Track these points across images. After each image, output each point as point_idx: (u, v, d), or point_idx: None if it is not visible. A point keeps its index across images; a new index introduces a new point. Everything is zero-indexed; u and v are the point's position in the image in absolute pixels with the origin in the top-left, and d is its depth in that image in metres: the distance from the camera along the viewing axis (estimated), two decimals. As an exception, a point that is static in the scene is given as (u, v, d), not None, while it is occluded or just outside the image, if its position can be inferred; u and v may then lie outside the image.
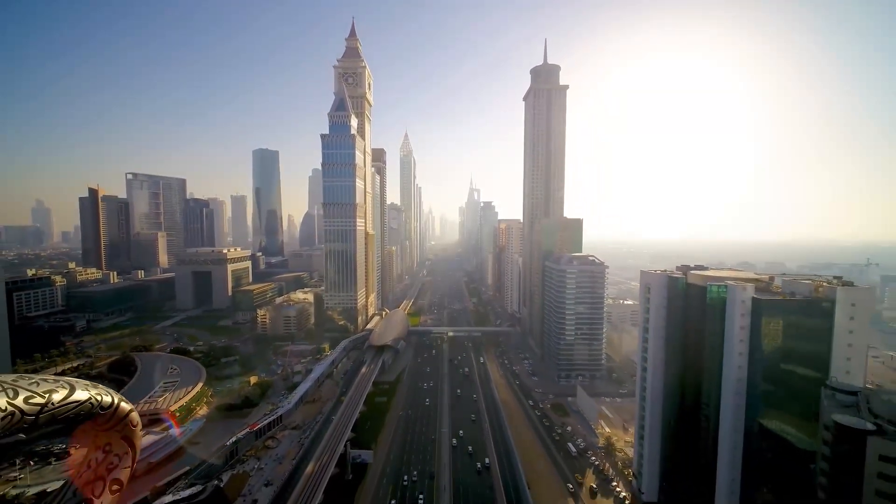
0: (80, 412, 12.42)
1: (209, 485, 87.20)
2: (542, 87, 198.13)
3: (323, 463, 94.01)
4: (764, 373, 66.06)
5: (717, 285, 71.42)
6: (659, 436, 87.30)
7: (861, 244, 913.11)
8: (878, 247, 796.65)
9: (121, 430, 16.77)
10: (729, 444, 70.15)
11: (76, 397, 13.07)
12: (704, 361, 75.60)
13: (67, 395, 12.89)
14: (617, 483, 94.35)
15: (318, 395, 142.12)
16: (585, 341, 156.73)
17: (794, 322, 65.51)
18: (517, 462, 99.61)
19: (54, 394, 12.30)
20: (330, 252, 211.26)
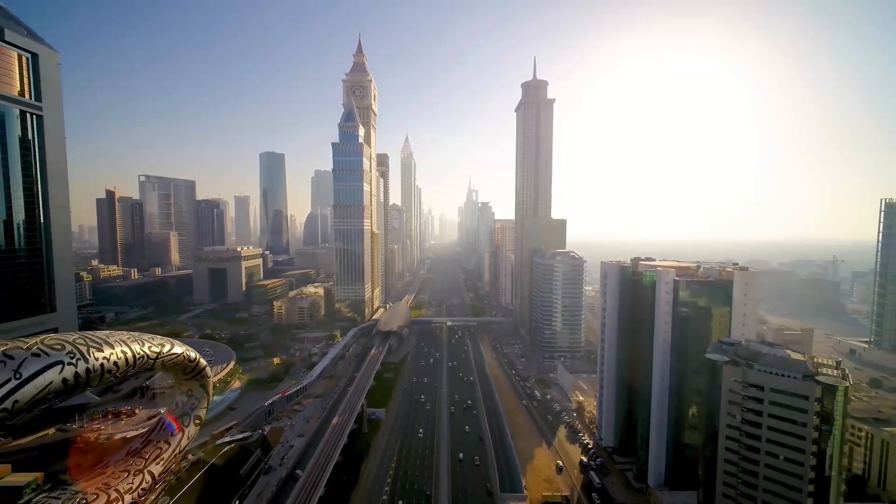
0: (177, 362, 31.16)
1: (255, 433, 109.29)
2: (531, 101, 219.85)
3: (344, 418, 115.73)
4: (682, 337, 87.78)
5: (649, 271, 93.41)
6: (614, 396, 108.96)
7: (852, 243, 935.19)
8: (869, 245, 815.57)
9: (199, 379, 31.78)
10: (658, 396, 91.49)
11: (175, 351, 29.90)
12: (643, 332, 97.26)
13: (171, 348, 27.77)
14: (583, 434, 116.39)
15: (335, 372, 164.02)
16: (567, 326, 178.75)
17: (705, 297, 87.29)
18: (504, 421, 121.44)
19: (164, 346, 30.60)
20: (340, 249, 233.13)
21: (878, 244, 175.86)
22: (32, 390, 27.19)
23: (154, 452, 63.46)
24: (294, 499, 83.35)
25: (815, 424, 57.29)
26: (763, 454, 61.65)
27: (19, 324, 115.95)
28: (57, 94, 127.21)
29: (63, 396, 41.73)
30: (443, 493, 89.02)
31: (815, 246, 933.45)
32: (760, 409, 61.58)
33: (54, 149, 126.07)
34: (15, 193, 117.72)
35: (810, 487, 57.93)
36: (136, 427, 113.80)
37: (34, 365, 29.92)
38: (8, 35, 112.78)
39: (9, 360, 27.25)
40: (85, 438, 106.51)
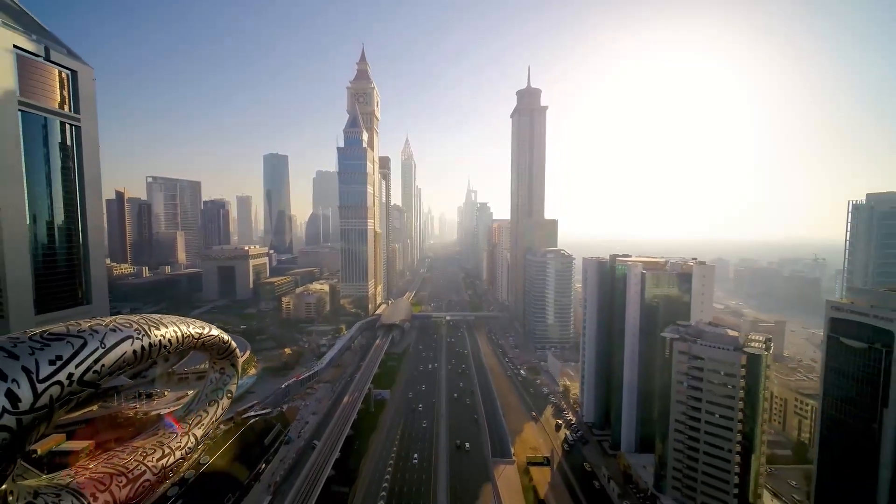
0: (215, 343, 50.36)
1: (275, 410, 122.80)
2: (525, 108, 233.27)
3: (354, 398, 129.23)
4: (649, 322, 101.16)
5: (622, 264, 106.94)
6: (594, 377, 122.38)
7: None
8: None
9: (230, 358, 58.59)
10: (629, 375, 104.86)
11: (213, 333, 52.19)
12: (618, 320, 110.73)
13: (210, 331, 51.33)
14: (567, 412, 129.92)
15: (342, 361, 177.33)
16: (557, 319, 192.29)
17: (668, 287, 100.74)
18: (497, 401, 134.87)
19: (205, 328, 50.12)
20: (345, 248, 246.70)
21: (845, 243, 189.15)
22: (113, 358, 42.70)
23: (197, 419, 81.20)
24: (312, 464, 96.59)
25: (741, 386, 70.71)
26: (703, 413, 75.02)
27: (60, 314, 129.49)
28: (92, 107, 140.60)
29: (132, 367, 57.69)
30: (442, 462, 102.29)
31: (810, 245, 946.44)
32: (701, 376, 74.95)
33: (90, 157, 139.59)
34: (56, 197, 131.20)
35: (739, 437, 71.36)
36: (166, 406, 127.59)
37: (113, 337, 45.18)
38: (53, 55, 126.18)
39: (95, 332, 43.14)
40: (124, 414, 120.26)
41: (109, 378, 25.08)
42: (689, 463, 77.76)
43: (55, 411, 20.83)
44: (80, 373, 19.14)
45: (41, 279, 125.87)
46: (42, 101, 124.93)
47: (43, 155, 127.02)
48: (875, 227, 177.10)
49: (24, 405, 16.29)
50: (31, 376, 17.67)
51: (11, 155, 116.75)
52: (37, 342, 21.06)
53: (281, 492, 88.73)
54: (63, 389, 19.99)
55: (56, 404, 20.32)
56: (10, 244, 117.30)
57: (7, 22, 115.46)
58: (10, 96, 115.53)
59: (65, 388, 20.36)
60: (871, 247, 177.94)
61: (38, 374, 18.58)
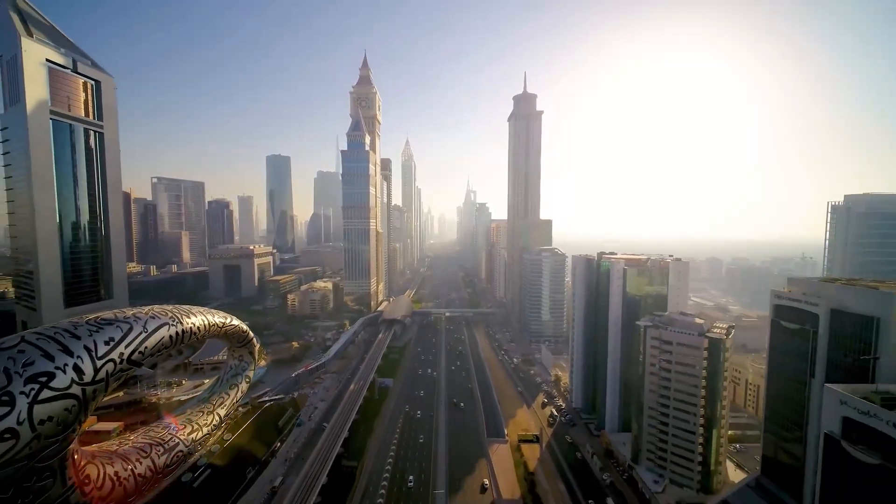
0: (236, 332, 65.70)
1: (287, 396, 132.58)
2: (521, 112, 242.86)
3: (359, 386, 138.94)
4: (630, 314, 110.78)
5: (606, 261, 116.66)
6: (582, 366, 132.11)
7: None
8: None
9: (248, 347, 74.61)
10: (612, 362, 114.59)
11: (234, 323, 67.65)
12: (602, 313, 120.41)
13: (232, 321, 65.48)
14: (558, 399, 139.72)
15: (347, 354, 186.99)
16: (551, 314, 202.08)
17: (647, 282, 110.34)
18: (492, 389, 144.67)
19: (227, 319, 64.89)
20: (348, 247, 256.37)
21: (825, 241, 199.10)
22: (153, 341, 51.67)
23: (220, 400, 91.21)
24: (323, 442, 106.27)
25: (704, 367, 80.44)
26: (672, 391, 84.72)
27: (86, 308, 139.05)
28: (113, 114, 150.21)
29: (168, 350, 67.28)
30: (441, 441, 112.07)
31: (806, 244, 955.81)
32: (670, 358, 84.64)
33: (112, 161, 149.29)
34: (81, 199, 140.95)
35: (702, 412, 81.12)
36: (184, 393, 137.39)
37: (153, 323, 53.73)
38: (80, 67, 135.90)
39: (138, 319, 52.01)
40: (147, 400, 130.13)
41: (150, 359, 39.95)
42: (660, 436, 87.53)
43: (109, 385, 36.83)
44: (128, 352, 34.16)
45: (69, 276, 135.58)
46: (69, 109, 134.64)
47: (70, 160, 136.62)
48: (851, 227, 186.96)
49: (86, 378, 31.36)
50: (92, 354, 32.77)
51: (44, 161, 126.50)
52: (93, 326, 36.34)
53: (295, 466, 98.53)
54: (115, 366, 35.56)
55: (111, 378, 36.27)
56: (44, 244, 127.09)
57: (40, 38, 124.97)
58: (43, 106, 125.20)
59: (117, 365, 35.95)
60: (848, 245, 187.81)
61: (96, 352, 33.67)
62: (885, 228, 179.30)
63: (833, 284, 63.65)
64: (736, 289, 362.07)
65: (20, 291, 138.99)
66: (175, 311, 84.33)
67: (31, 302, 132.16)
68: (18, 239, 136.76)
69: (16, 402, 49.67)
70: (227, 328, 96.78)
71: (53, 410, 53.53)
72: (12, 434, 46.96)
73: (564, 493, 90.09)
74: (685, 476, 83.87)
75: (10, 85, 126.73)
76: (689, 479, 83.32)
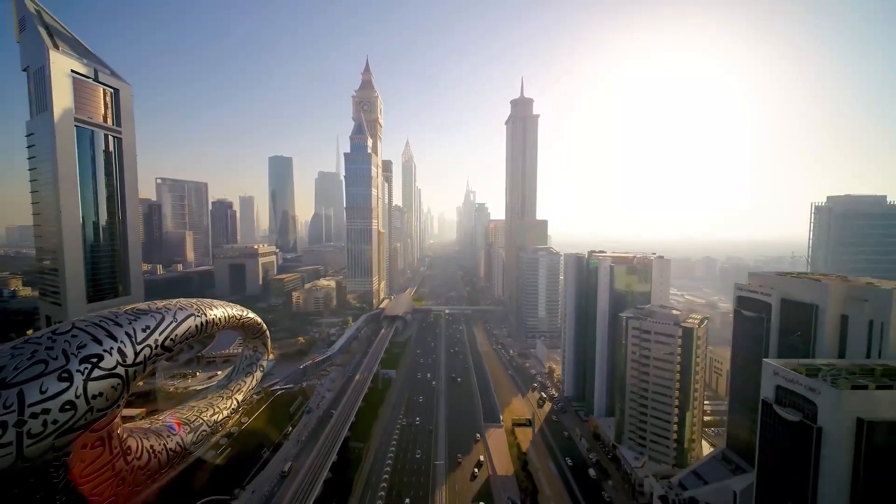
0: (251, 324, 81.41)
1: (296, 386, 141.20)
2: (518, 116, 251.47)
3: (364, 377, 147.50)
4: (616, 308, 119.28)
5: (594, 259, 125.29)
6: (573, 358, 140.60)
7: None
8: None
9: (262, 338, 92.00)
10: (600, 353, 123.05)
11: (250, 315, 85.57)
12: (591, 307, 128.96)
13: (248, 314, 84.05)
14: (551, 389, 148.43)
15: (351, 348, 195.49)
16: (546, 310, 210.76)
17: (632, 278, 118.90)
18: (489, 379, 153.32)
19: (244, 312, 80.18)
20: (351, 246, 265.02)
21: (809, 241, 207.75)
22: (182, 329, 63.36)
23: (237, 386, 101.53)
24: (331, 427, 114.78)
25: (678, 353, 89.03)
26: (651, 375, 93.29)
27: (106, 304, 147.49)
28: (130, 120, 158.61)
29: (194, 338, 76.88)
30: (441, 426, 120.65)
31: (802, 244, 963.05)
32: (649, 346, 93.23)
33: (129, 164, 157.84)
34: (101, 200, 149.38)
35: (677, 395, 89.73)
36: (199, 383, 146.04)
37: (182, 314, 65.06)
38: (100, 77, 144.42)
39: (169, 310, 63.35)
40: (165, 389, 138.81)
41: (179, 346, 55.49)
42: (640, 418, 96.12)
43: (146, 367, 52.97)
44: (162, 339, 49.91)
45: (91, 273, 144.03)
46: (91, 116, 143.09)
47: (91, 164, 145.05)
48: (833, 226, 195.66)
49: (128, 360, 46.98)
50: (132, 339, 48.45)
51: (69, 165, 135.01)
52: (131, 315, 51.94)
53: (307, 447, 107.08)
54: (151, 351, 51.74)
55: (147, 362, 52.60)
56: (69, 243, 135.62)
57: (66, 50, 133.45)
58: (69, 114, 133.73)
59: (153, 350, 52.10)
60: (830, 243, 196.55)
61: (136, 338, 49.33)
62: (863, 228, 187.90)
63: (784, 277, 72.14)
64: (729, 287, 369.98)
65: (45, 288, 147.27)
66: (199, 304, 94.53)
67: (56, 298, 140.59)
68: (43, 239, 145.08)
69: (73, 379, 59.57)
70: (244, 320, 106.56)
71: (103, 387, 62.96)
72: (71, 406, 57.10)
73: (553, 470, 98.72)
74: (662, 453, 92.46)
75: (37, 94, 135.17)
76: (665, 455, 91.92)
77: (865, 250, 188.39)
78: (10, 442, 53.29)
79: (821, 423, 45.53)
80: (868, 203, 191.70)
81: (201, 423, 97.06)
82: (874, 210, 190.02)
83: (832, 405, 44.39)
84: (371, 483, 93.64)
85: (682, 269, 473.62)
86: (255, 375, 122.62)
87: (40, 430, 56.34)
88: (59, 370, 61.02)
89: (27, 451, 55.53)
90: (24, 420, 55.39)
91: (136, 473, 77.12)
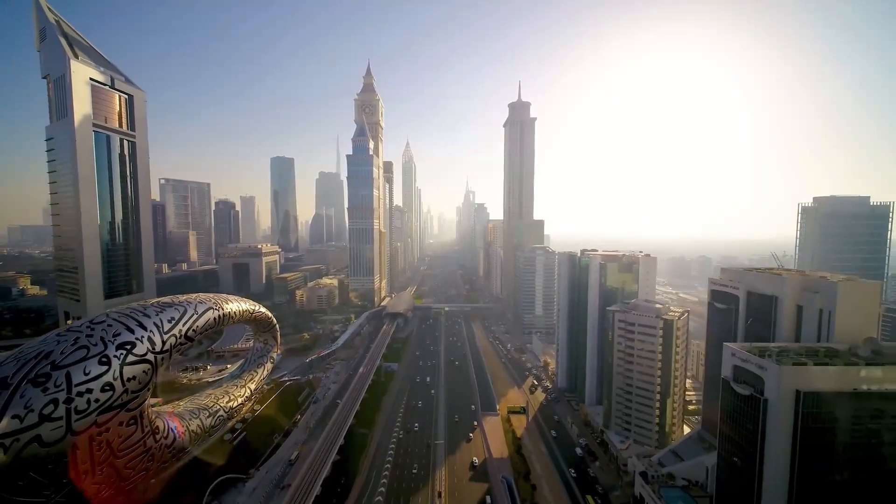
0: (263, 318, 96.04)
1: (303, 378, 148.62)
2: (516, 119, 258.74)
3: (367, 370, 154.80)
4: (606, 303, 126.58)
5: (586, 257, 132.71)
6: (566, 351, 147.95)
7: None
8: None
9: (272, 332, 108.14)
10: (591, 346, 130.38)
11: (262, 310, 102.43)
12: (583, 302, 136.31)
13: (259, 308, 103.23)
14: (546, 381, 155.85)
15: (354, 344, 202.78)
16: (542, 307, 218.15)
17: (620, 274, 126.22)
18: (487, 372, 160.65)
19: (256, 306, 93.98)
20: (353, 246, 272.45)
21: (796, 240, 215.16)
22: (202, 321, 75.00)
23: (250, 376, 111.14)
24: (338, 414, 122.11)
25: (660, 344, 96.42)
26: (635, 364, 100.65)
27: (122, 300, 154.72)
28: (144, 125, 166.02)
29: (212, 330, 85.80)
30: (441, 414, 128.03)
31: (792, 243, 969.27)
32: (633, 338, 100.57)
33: (142, 167, 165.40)
34: (116, 202, 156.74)
35: (658, 382, 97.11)
36: (211, 376, 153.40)
37: (202, 307, 76.20)
38: (116, 84, 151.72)
39: (190, 303, 74.26)
40: (179, 381, 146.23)
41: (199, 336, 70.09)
42: (625, 405, 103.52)
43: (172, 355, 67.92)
44: (185, 330, 64.71)
45: (107, 271, 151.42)
46: (107, 121, 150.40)
47: (107, 167, 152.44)
48: (818, 226, 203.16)
49: (157, 348, 61.39)
50: (160, 329, 63.31)
51: (88, 168, 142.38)
52: (157, 307, 67.04)
53: (315, 433, 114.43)
54: (176, 340, 67.03)
55: (173, 350, 67.53)
56: (87, 242, 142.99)
57: (84, 60, 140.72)
58: (88, 120, 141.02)
59: (177, 339, 67.43)
60: (816, 242, 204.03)
61: (163, 328, 64.07)
62: (847, 227, 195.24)
63: (750, 272, 79.43)
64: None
65: (63, 285, 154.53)
66: (217, 298, 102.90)
67: (75, 294, 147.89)
68: (62, 238, 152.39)
69: (111, 363, 68.03)
70: (256, 314, 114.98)
71: (136, 371, 71.01)
72: (110, 387, 65.77)
73: (545, 452, 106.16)
74: (645, 436, 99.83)
75: (57, 100, 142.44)
76: (648, 438, 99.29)
77: (849, 248, 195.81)
78: (60, 416, 61.39)
79: (767, 395, 52.86)
80: (852, 203, 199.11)
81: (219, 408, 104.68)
82: (857, 210, 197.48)
83: (776, 379, 51.69)
84: (376, 464, 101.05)
85: (678, 268, 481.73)
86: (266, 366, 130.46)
87: (85, 406, 64.42)
88: (98, 355, 69.20)
89: (75, 426, 63.58)
90: (72, 398, 63.40)
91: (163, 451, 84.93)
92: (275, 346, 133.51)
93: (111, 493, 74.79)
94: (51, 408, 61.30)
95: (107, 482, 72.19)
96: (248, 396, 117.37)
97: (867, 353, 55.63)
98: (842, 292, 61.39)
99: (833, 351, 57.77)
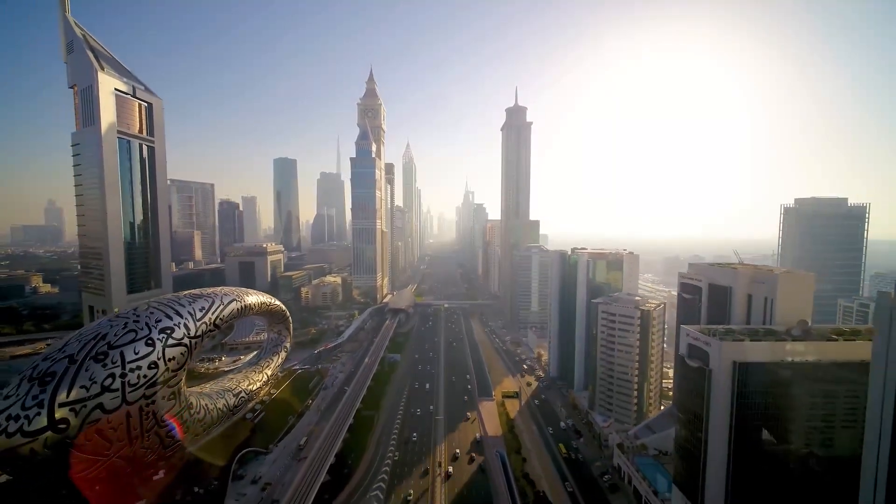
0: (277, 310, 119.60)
1: (313, 368, 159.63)
2: (513, 124, 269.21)
3: (372, 360, 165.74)
4: (592, 297, 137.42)
5: (575, 254, 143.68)
6: (557, 342, 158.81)
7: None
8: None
9: (285, 323, 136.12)
10: (579, 336, 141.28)
11: (276, 302, 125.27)
12: (572, 297, 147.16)
13: (274, 301, 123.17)
14: (539, 370, 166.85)
15: (358, 338, 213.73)
16: (538, 304, 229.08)
17: (606, 270, 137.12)
18: (484, 363, 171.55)
19: (272, 299, 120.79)
20: (356, 245, 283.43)
21: (778, 240, 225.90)
22: (228, 311, 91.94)
23: (267, 363, 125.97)
24: (346, 399, 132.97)
25: (638, 332, 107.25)
26: (616, 352, 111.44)
27: (142, 295, 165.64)
28: (161, 131, 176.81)
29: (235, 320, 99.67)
30: (440, 400, 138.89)
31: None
32: (614, 327, 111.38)
33: (160, 171, 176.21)
34: (137, 203, 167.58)
35: (636, 366, 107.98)
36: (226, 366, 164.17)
37: (226, 299, 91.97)
38: (137, 93, 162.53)
39: (216, 295, 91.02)
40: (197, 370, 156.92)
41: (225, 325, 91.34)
42: (608, 387, 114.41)
43: (203, 341, 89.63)
44: (214, 318, 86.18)
45: (130, 268, 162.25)
46: (129, 127, 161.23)
47: (129, 170, 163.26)
48: (800, 226, 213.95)
49: (192, 333, 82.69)
50: (193, 317, 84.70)
51: (113, 172, 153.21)
52: (189, 298, 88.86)
53: (326, 415, 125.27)
54: (206, 328, 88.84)
55: (204, 337, 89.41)
56: (112, 241, 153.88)
57: (109, 71, 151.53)
58: (113, 127, 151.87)
59: (207, 326, 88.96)
60: (797, 243, 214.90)
61: (196, 316, 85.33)
62: (826, 227, 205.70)
63: (712, 267, 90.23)
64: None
65: (88, 281, 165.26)
66: (239, 291, 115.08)
67: (100, 290, 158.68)
68: (86, 238, 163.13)
69: (156, 345, 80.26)
70: (272, 306, 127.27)
71: (175, 353, 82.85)
72: (155, 365, 78.41)
73: (535, 430, 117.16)
74: (625, 416, 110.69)
75: (83, 109, 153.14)
76: (627, 417, 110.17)
77: (828, 247, 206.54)
78: (118, 388, 73.30)
79: (711, 367, 63.58)
80: (830, 205, 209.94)
81: (241, 390, 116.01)
82: (835, 211, 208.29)
83: (717, 353, 62.40)
84: (382, 441, 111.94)
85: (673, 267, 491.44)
86: (281, 354, 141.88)
87: (136, 380, 76.42)
88: (145, 338, 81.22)
89: (128, 396, 75.54)
90: (125, 373, 75.32)
91: (196, 425, 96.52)
92: (288, 336, 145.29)
93: (154, 458, 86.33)
94: (109, 380, 73.24)
95: (152, 448, 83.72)
96: (266, 381, 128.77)
97: (798, 334, 66.49)
98: (781, 283, 72.22)
99: (772, 331, 68.59)
